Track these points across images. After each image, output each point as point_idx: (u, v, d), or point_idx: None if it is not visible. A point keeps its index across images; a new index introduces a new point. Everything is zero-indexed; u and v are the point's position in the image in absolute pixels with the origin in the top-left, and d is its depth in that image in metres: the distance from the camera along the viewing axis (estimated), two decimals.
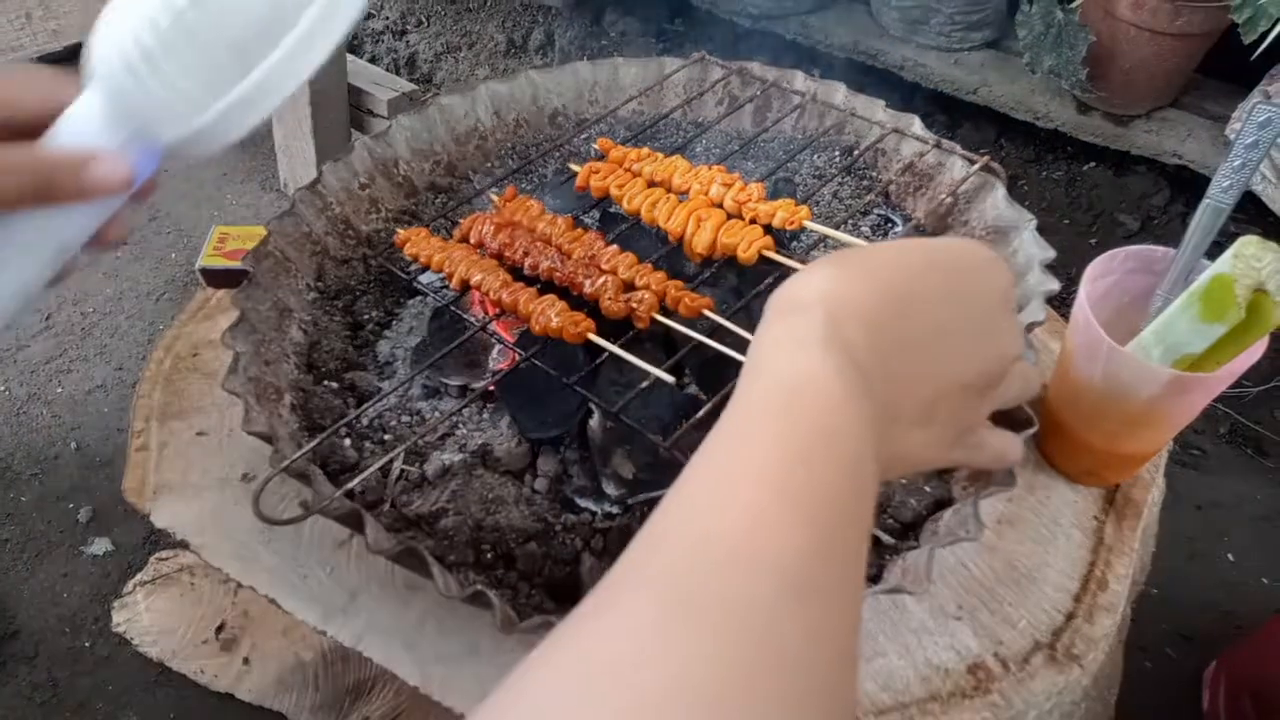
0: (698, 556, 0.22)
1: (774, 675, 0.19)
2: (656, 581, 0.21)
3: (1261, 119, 0.57)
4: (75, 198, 0.38)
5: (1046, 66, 1.46)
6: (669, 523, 0.24)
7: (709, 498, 0.24)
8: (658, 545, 0.23)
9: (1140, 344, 0.61)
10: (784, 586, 0.21)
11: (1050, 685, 0.58)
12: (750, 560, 0.21)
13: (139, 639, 0.99)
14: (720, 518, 0.23)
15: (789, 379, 0.26)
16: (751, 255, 0.64)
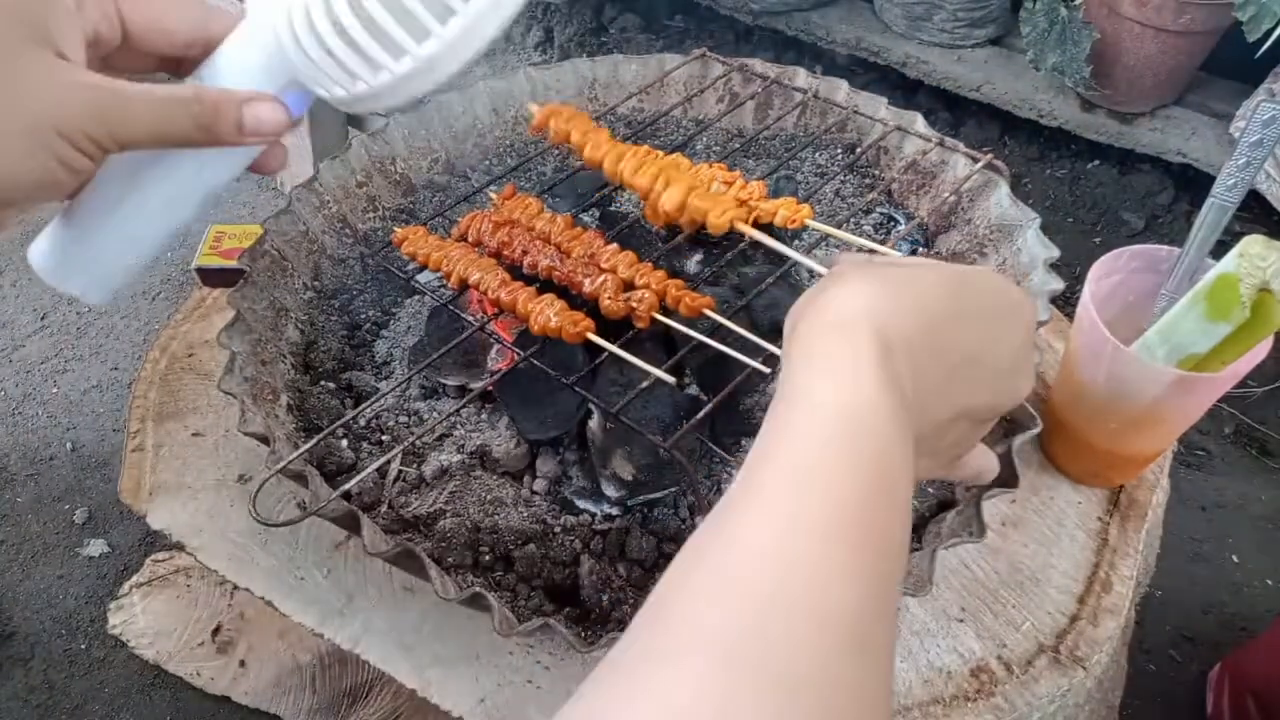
0: (765, 618, 0.21)
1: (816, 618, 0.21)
2: (720, 641, 0.21)
3: (1266, 117, 0.57)
4: (234, 140, 0.38)
5: (1050, 64, 1.45)
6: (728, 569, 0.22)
7: (775, 546, 0.23)
8: (717, 597, 0.22)
9: (1145, 344, 0.60)
10: (845, 645, 0.21)
11: (1054, 688, 0.58)
12: (819, 622, 0.21)
13: (135, 641, 0.98)
14: (788, 573, 0.22)
15: (850, 410, 0.26)
16: (723, 224, 0.61)
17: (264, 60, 0.39)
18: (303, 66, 0.38)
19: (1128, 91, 1.47)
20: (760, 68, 0.91)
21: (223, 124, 0.37)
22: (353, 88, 0.38)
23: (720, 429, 0.68)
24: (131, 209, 0.40)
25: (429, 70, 0.37)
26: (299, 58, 0.37)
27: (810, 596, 0.22)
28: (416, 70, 0.37)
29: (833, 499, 0.24)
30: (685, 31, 1.98)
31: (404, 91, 0.38)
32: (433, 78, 0.38)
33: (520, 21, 2.08)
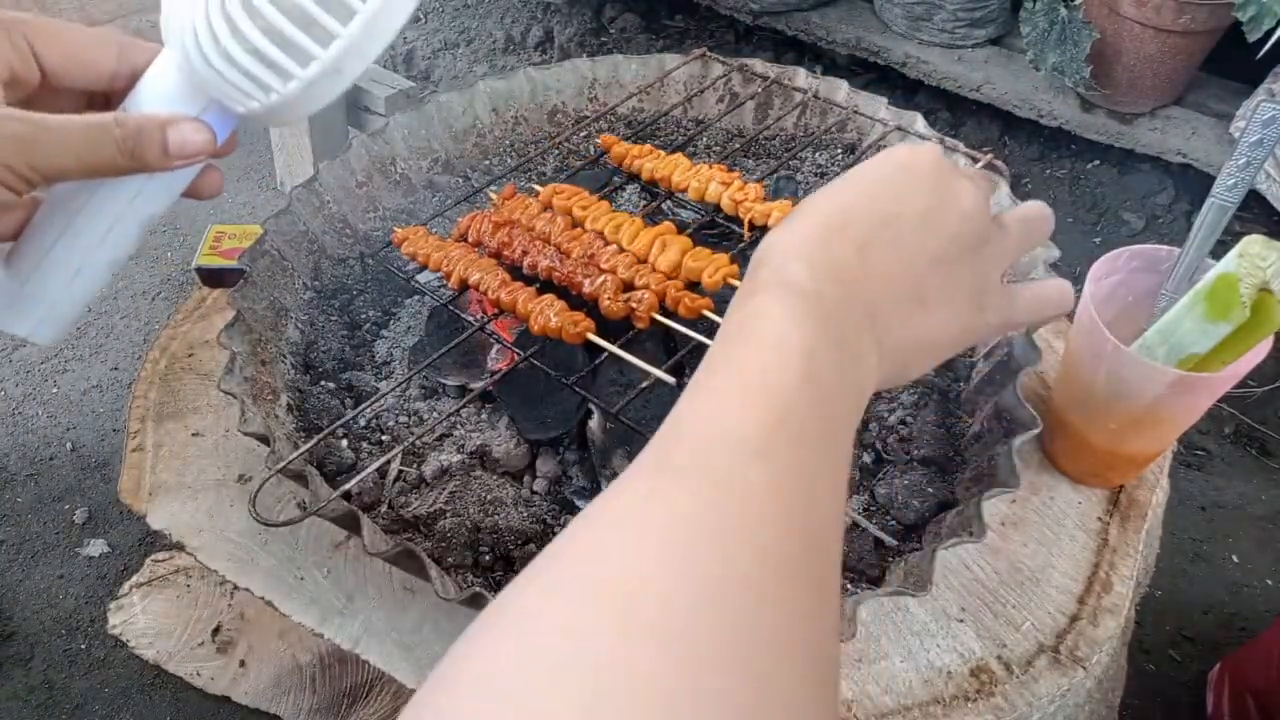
0: (674, 443, 0.27)
1: (739, 502, 0.25)
2: (646, 465, 0.27)
3: (1266, 117, 0.57)
4: (161, 164, 0.39)
5: (1050, 64, 1.45)
6: (654, 437, 0.29)
7: (679, 409, 0.29)
8: (646, 449, 0.28)
9: (1145, 344, 0.60)
10: (748, 452, 0.26)
11: (1054, 688, 0.58)
12: (717, 439, 0.26)
13: (135, 641, 0.98)
14: (689, 417, 0.28)
15: (734, 322, 0.31)
16: (717, 281, 0.62)
17: (182, 83, 0.39)
18: (216, 84, 0.38)
19: (1128, 91, 1.47)
20: (760, 68, 0.91)
21: (147, 148, 0.38)
22: (266, 99, 0.38)
23: None
24: (69, 243, 0.40)
25: (337, 72, 0.37)
26: (210, 75, 0.38)
27: (708, 422, 0.28)
28: (324, 73, 0.37)
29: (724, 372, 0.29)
30: (685, 31, 1.98)
31: (317, 97, 0.38)
32: (342, 80, 0.38)
33: (520, 21, 2.08)
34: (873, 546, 0.62)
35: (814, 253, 0.33)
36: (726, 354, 0.30)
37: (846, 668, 0.59)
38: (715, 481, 0.25)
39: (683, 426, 0.28)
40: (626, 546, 0.23)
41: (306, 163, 1.56)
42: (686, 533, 0.23)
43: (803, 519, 0.26)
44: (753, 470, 0.25)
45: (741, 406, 0.27)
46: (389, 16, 0.37)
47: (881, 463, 0.68)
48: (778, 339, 0.29)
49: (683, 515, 0.24)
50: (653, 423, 0.64)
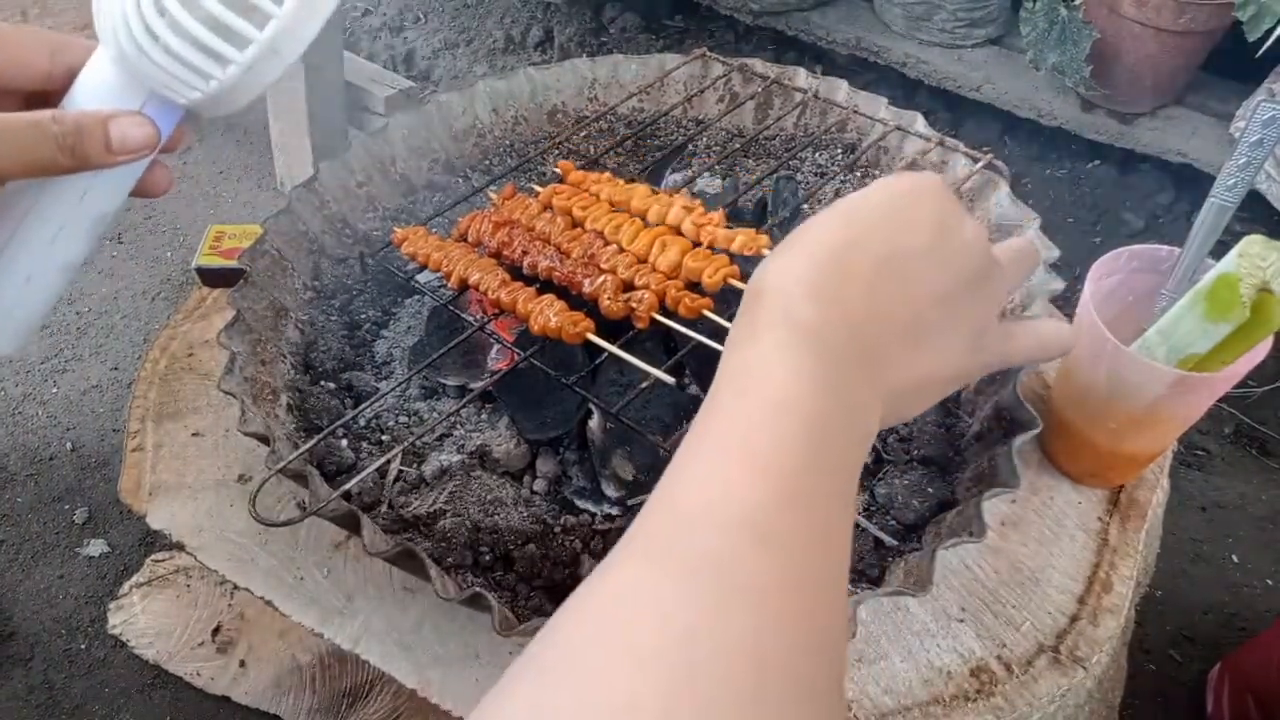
0: (670, 521, 0.25)
1: (741, 608, 0.22)
2: (638, 548, 0.25)
3: (1266, 117, 0.57)
4: (104, 160, 0.38)
5: (1050, 63, 1.45)
6: (650, 503, 0.26)
7: (677, 473, 0.27)
8: (641, 521, 0.26)
9: (1145, 343, 0.60)
10: (746, 539, 0.24)
11: (1054, 688, 0.58)
12: (713, 522, 0.24)
13: (135, 641, 0.98)
14: (686, 486, 0.26)
15: (739, 368, 0.29)
16: (717, 282, 0.62)
17: (119, 78, 0.39)
18: (154, 76, 0.37)
19: (1128, 91, 1.47)
20: (760, 68, 0.91)
21: (89, 144, 0.37)
22: (206, 86, 0.37)
23: None
24: (17, 249, 0.40)
25: (274, 54, 0.37)
26: (147, 67, 0.37)
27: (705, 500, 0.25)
28: (262, 55, 0.37)
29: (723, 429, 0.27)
30: (685, 31, 1.98)
31: (257, 81, 0.38)
32: (281, 61, 0.37)
33: (520, 21, 2.08)
34: (873, 546, 0.62)
35: (817, 292, 0.30)
36: (726, 410, 0.28)
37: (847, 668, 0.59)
38: (714, 578, 0.23)
39: (678, 501, 0.25)
40: (614, 661, 0.21)
41: (306, 163, 1.56)
42: (680, 646, 0.21)
43: (809, 618, 0.23)
44: (758, 562, 0.23)
45: (744, 483, 0.25)
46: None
47: (881, 463, 0.68)
48: (785, 400, 0.27)
49: (677, 623, 0.22)
50: (652, 423, 0.64)
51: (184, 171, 1.76)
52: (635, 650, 0.21)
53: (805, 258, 0.32)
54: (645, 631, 0.22)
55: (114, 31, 0.37)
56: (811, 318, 0.29)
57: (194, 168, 1.77)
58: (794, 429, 0.26)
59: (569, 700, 0.21)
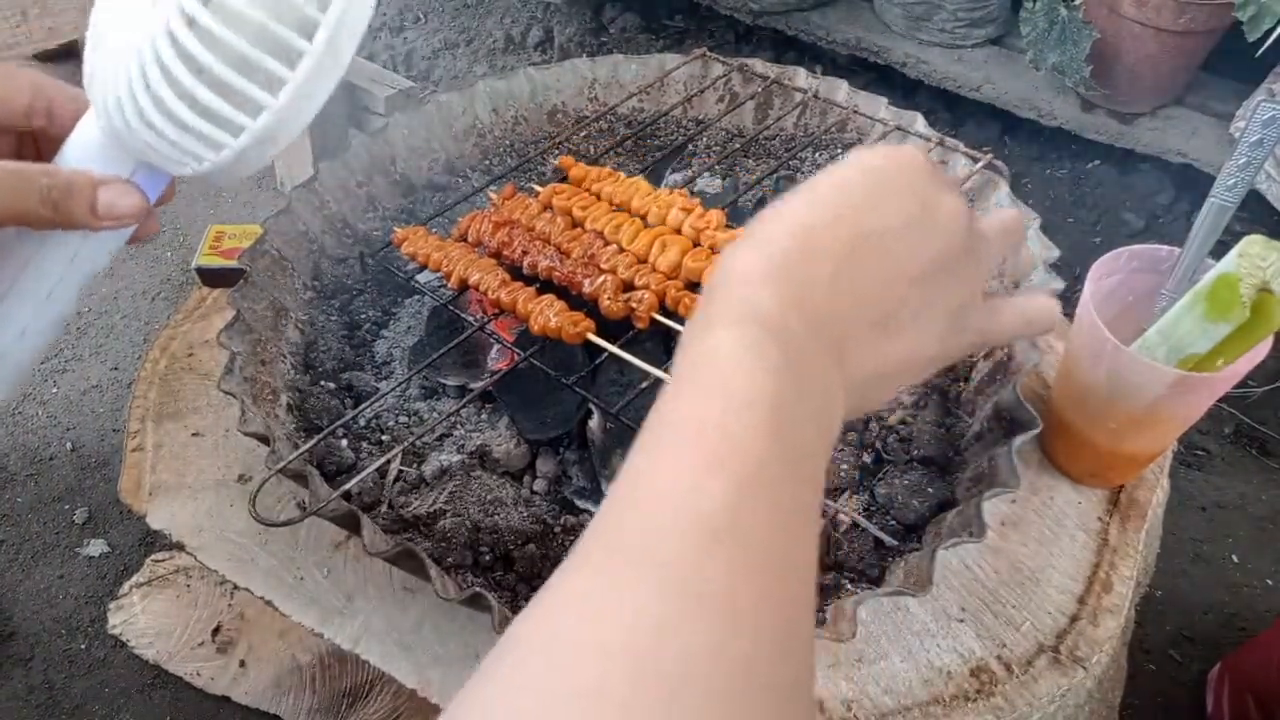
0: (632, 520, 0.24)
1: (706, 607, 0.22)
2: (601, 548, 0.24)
3: (1266, 117, 0.57)
4: (87, 222, 0.38)
5: (1050, 63, 1.45)
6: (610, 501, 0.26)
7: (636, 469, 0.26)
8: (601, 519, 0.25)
9: (1145, 343, 0.60)
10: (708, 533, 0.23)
11: (1054, 688, 0.58)
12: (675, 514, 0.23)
13: (135, 641, 0.98)
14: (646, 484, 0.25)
15: (697, 359, 0.28)
16: None
17: (110, 145, 0.38)
18: (145, 151, 0.37)
19: (1128, 91, 1.47)
20: (760, 68, 0.91)
21: (75, 204, 0.37)
22: (199, 166, 0.37)
23: None
24: (15, 303, 0.40)
25: (270, 141, 0.36)
26: (139, 143, 0.37)
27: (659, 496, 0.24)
28: (257, 140, 0.36)
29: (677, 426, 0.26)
30: (685, 31, 1.98)
31: (255, 159, 0.37)
32: (277, 145, 0.37)
33: (520, 21, 2.08)
34: (873, 546, 0.62)
35: (780, 278, 0.29)
36: (682, 403, 0.27)
37: (846, 668, 0.59)
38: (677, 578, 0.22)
39: (640, 499, 0.25)
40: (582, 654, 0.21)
41: (306, 163, 1.56)
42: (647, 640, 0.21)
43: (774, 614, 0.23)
44: (716, 560, 0.22)
45: (704, 480, 0.24)
46: (320, 82, 0.36)
47: (881, 463, 0.68)
48: (742, 389, 0.26)
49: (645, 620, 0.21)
50: None
51: None
52: (603, 644, 0.21)
53: (769, 243, 0.30)
54: (612, 627, 0.21)
55: (106, 106, 0.36)
56: (773, 306, 0.28)
57: None
58: (754, 423, 0.25)
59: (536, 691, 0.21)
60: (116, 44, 0.35)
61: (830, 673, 0.58)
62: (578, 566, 0.24)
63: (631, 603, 0.22)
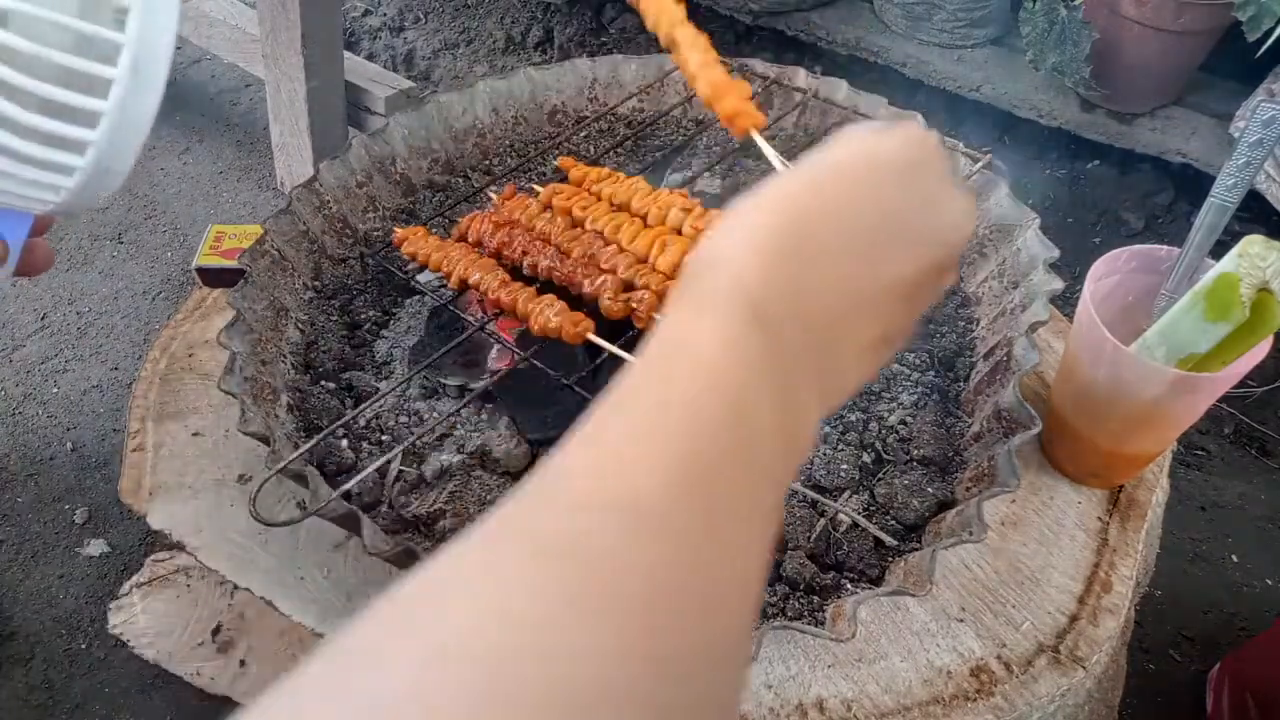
0: (546, 492, 0.21)
1: (599, 599, 0.18)
2: (497, 526, 0.20)
3: (1266, 117, 0.57)
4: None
5: (1050, 64, 1.45)
6: (535, 471, 0.22)
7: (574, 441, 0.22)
8: (516, 490, 0.22)
9: (1144, 344, 0.60)
10: (629, 517, 0.20)
11: (1054, 687, 0.58)
12: (598, 492, 0.20)
13: (135, 641, 0.98)
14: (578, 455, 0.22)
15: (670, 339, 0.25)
16: None
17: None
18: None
19: (1128, 91, 1.47)
20: (760, 68, 0.91)
21: None
22: (58, 196, 0.35)
23: None
24: None
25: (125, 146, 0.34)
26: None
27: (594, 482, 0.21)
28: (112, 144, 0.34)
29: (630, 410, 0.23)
30: None
31: (115, 171, 0.35)
32: (131, 138, 0.35)
33: (520, 21, 2.08)
34: (873, 546, 0.62)
35: (775, 274, 0.26)
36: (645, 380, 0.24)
37: (846, 668, 0.59)
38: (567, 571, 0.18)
39: (563, 472, 0.22)
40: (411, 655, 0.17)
41: (306, 163, 1.56)
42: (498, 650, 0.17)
43: (692, 623, 0.19)
44: (637, 549, 0.19)
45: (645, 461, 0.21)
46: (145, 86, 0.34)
47: (881, 463, 0.68)
48: (713, 380, 0.23)
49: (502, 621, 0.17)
50: None
51: (184, 172, 1.77)
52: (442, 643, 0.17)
53: (766, 232, 0.27)
54: (462, 621, 0.18)
55: None
56: (764, 301, 0.25)
57: (194, 168, 1.77)
58: (717, 414, 0.22)
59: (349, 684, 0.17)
60: None
61: (830, 673, 0.58)
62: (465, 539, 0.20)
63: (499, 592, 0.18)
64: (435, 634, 0.18)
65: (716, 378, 0.23)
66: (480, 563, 0.19)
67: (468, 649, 0.17)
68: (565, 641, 0.17)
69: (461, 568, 0.19)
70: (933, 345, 0.75)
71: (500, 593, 0.18)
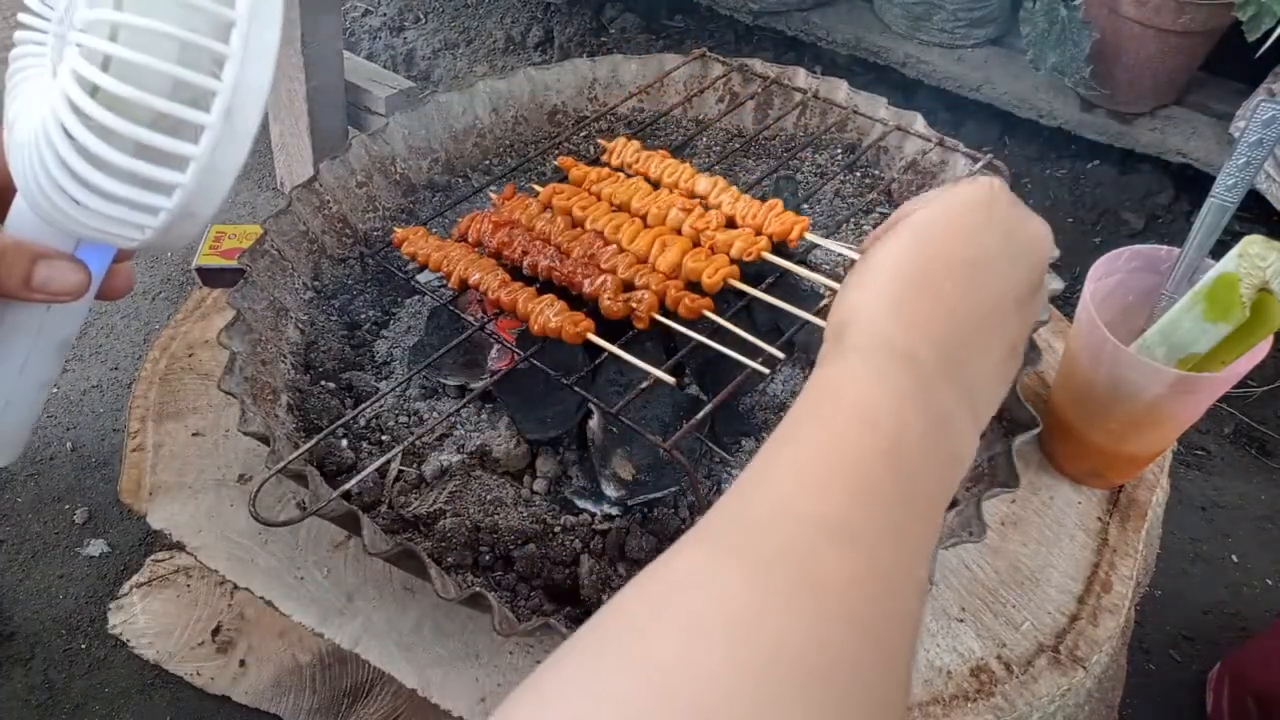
0: (741, 515, 0.25)
1: (807, 599, 0.22)
2: (706, 537, 0.25)
3: (1266, 117, 0.57)
4: (19, 294, 0.37)
5: (1050, 64, 1.45)
6: (721, 500, 0.26)
7: (751, 474, 0.27)
8: (711, 515, 0.26)
9: (1144, 343, 0.60)
10: (820, 534, 0.24)
11: (1054, 687, 0.58)
12: (787, 516, 0.24)
13: (135, 641, 0.98)
14: (760, 485, 0.26)
15: (823, 385, 0.29)
16: (716, 282, 0.62)
17: (44, 225, 0.37)
18: (75, 225, 0.35)
19: (1128, 91, 1.47)
20: (760, 68, 0.91)
21: (7, 275, 0.36)
22: (143, 235, 0.35)
23: (720, 429, 0.68)
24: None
25: (211, 192, 0.35)
26: (66, 219, 0.35)
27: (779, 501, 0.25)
28: (199, 189, 0.34)
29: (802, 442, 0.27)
30: (685, 31, 1.98)
31: (199, 214, 0.35)
32: (217, 191, 0.35)
33: (520, 21, 2.08)
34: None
35: (906, 309, 0.31)
36: (807, 420, 0.28)
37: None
38: (782, 569, 0.23)
39: (751, 498, 0.26)
40: (671, 630, 0.21)
41: (306, 163, 1.56)
42: (740, 623, 0.21)
43: (877, 619, 0.23)
44: (824, 556, 0.23)
45: (821, 483, 0.25)
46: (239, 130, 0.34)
47: None
48: (866, 406, 0.27)
49: (739, 604, 0.22)
50: (652, 423, 0.64)
51: None
52: (695, 622, 0.21)
53: (887, 281, 0.32)
54: (705, 606, 0.22)
55: (28, 189, 0.35)
56: (899, 336, 0.30)
57: None
58: (876, 440, 0.26)
59: (618, 660, 0.21)
60: (26, 126, 0.34)
61: None
62: (681, 551, 0.24)
63: (730, 585, 0.22)
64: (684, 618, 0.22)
65: (872, 412, 0.27)
66: (702, 565, 0.24)
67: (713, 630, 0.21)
68: (777, 623, 0.22)
69: (688, 572, 0.24)
70: None
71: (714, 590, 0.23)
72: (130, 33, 0.32)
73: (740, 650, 0.21)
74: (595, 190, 0.72)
